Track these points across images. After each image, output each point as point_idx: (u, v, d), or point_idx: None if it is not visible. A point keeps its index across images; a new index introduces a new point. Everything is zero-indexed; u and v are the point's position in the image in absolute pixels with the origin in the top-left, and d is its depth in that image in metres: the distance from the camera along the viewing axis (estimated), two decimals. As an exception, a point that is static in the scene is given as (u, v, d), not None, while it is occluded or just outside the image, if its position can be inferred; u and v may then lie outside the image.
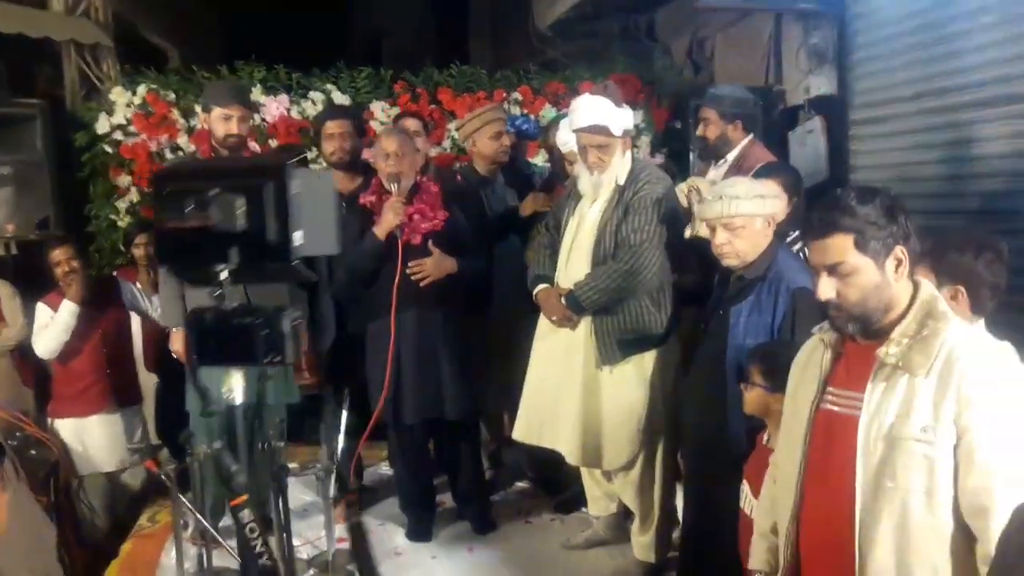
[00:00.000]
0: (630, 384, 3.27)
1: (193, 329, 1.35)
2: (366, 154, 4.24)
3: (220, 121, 3.62)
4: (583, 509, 3.82)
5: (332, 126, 3.98)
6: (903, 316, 1.80)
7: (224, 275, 1.32)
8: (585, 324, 3.30)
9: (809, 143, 4.95)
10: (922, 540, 1.74)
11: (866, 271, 1.78)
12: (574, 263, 3.33)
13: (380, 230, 3.57)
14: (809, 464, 1.92)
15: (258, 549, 1.46)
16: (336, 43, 8.60)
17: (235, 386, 1.43)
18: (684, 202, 3.52)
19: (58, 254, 4.05)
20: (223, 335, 1.33)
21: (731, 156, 3.81)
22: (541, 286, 3.43)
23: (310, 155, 4.75)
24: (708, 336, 2.99)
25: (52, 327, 3.98)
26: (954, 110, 3.93)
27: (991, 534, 1.64)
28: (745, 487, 2.61)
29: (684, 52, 6.13)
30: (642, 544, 3.41)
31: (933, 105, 4.06)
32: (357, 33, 11.36)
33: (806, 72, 5.00)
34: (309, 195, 1.32)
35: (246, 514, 1.46)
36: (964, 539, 1.72)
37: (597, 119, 3.21)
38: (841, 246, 1.78)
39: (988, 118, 3.74)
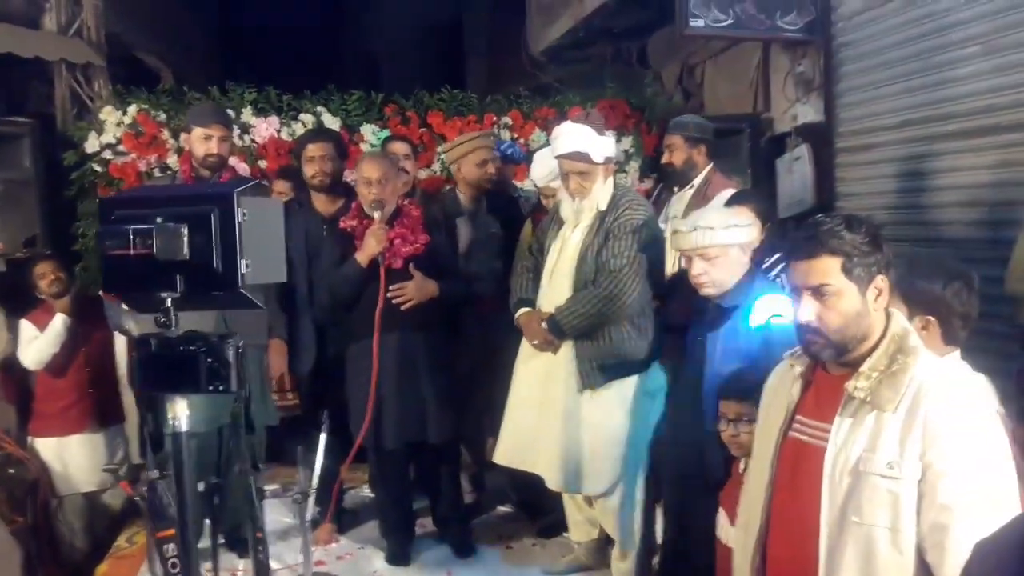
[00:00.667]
0: (611, 410, 3.26)
1: (138, 355, 1.35)
2: (348, 176, 4.25)
3: (200, 141, 3.62)
4: (565, 534, 3.79)
5: (313, 149, 3.97)
6: (874, 348, 1.79)
7: (168, 303, 1.32)
8: (567, 348, 3.30)
9: (796, 171, 4.96)
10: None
11: (849, 296, 1.77)
12: (556, 287, 3.34)
13: (362, 256, 3.58)
14: (775, 492, 1.91)
15: None
16: (333, 67, 8.67)
17: (180, 413, 1.42)
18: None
19: (43, 267, 4.07)
20: (167, 362, 1.33)
21: (697, 181, 3.88)
22: (523, 310, 3.43)
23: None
24: (687, 363, 2.99)
25: (43, 337, 3.99)
26: (940, 139, 3.95)
27: (946, 571, 1.62)
28: (721, 515, 2.60)
29: (675, 79, 6.18)
30: (622, 570, 3.39)
31: (918, 134, 4.08)
32: (354, 57, 11.44)
33: (793, 100, 5.04)
34: (257, 222, 1.32)
35: (170, 548, 1.45)
36: (928, 577, 1.70)
37: (578, 146, 3.23)
38: (828, 268, 1.77)
39: (973, 148, 3.76)
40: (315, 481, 3.43)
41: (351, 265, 3.59)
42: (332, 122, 5.27)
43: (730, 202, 3.34)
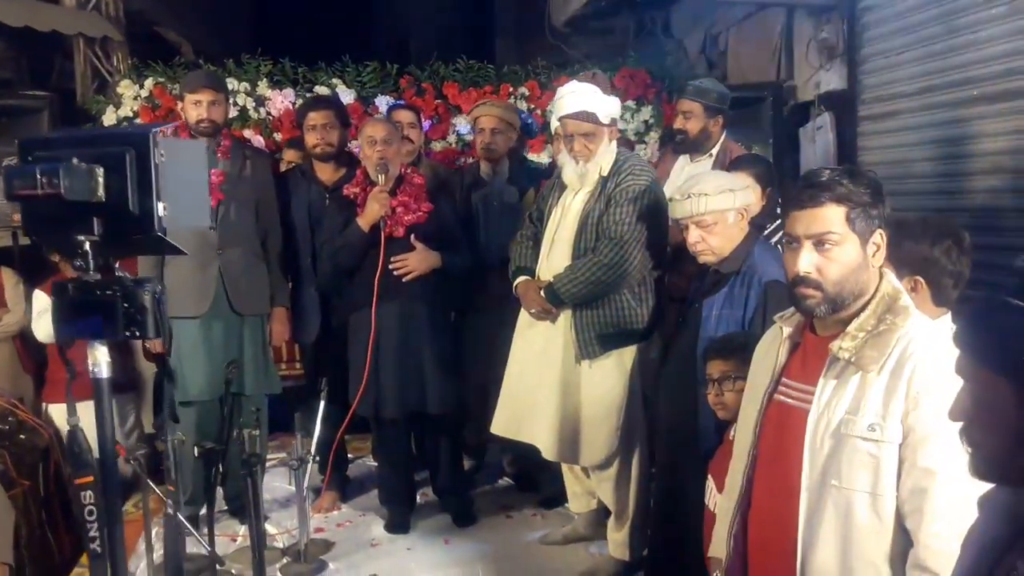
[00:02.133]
0: (609, 380, 3.21)
1: (57, 301, 1.34)
2: (351, 146, 4.22)
3: (192, 107, 3.61)
4: (565, 505, 3.76)
5: (314, 117, 3.92)
6: (864, 308, 1.72)
7: (86, 246, 1.30)
8: (565, 318, 3.24)
9: (819, 139, 4.82)
10: (865, 542, 1.66)
11: (851, 247, 1.71)
12: (555, 254, 3.27)
13: (364, 221, 3.55)
14: (759, 455, 1.87)
15: (92, 534, 1.44)
16: (362, 42, 8.65)
17: (100, 360, 1.41)
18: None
19: None
20: (84, 307, 1.32)
21: (715, 151, 3.75)
22: (521, 278, 3.37)
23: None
24: (682, 330, 2.92)
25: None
26: (963, 105, 3.79)
27: (922, 537, 1.56)
28: (710, 482, 2.55)
29: (698, 48, 6.03)
30: (617, 541, 3.34)
31: (942, 99, 3.92)
32: (383, 32, 11.41)
33: (816, 67, 4.88)
34: (176, 165, 1.29)
35: (88, 495, 1.45)
36: (908, 543, 1.63)
37: (584, 106, 3.15)
38: (832, 216, 1.70)
39: (998, 113, 3.61)
40: (314, 448, 3.45)
41: (353, 231, 3.57)
42: (347, 94, 5.26)
43: (731, 167, 3.24)
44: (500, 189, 4.06)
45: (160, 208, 1.27)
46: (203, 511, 3.60)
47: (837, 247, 1.70)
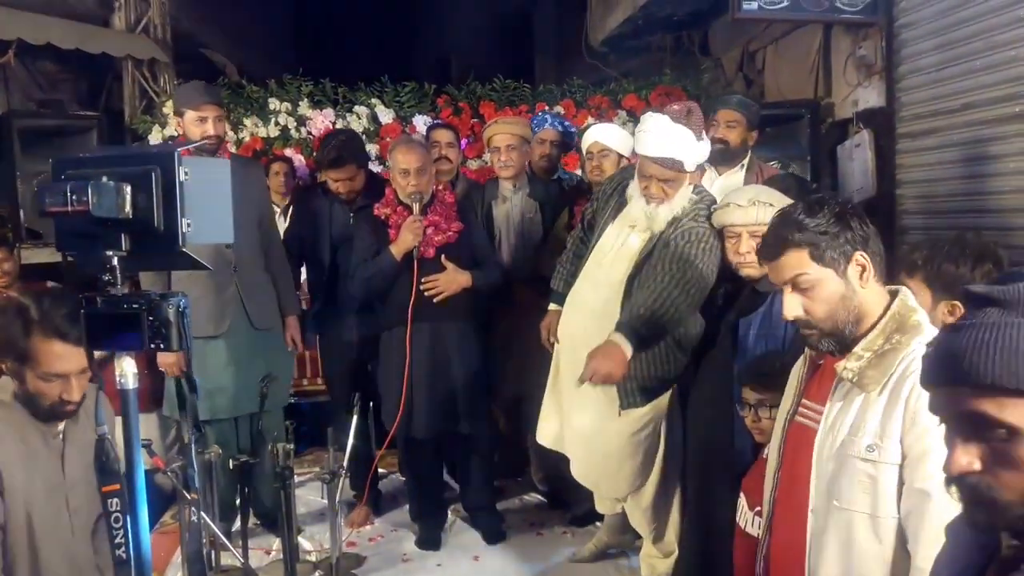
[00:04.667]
0: (641, 421, 3.07)
1: (84, 314, 1.39)
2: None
3: (195, 123, 3.44)
4: (597, 524, 3.73)
5: (336, 175, 3.86)
6: (872, 328, 1.71)
7: (114, 262, 1.35)
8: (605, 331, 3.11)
9: (857, 157, 4.77)
10: (865, 565, 1.64)
11: (828, 282, 1.71)
12: (598, 289, 3.06)
13: (397, 249, 3.54)
14: (781, 477, 1.87)
15: (117, 540, 1.48)
16: (405, 62, 8.78)
17: (127, 371, 1.46)
18: None
19: None
20: (112, 320, 1.36)
21: (746, 163, 3.79)
22: (551, 307, 3.35)
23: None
24: (716, 347, 2.90)
25: None
26: (1005, 121, 3.72)
27: (918, 561, 1.53)
28: (742, 500, 2.52)
29: (735, 66, 6.02)
30: (659, 572, 3.27)
31: (982, 117, 3.86)
32: (425, 52, 11.57)
33: (854, 84, 4.84)
34: (201, 182, 1.33)
35: (114, 503, 1.49)
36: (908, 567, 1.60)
37: (671, 152, 2.82)
38: (796, 260, 1.73)
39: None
40: (346, 463, 3.48)
41: (385, 258, 3.56)
42: (385, 114, 5.35)
43: (773, 183, 3.20)
44: (521, 205, 4.04)
45: (184, 224, 1.31)
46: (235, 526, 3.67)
47: (814, 287, 1.71)
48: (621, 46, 6.76)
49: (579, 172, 5.01)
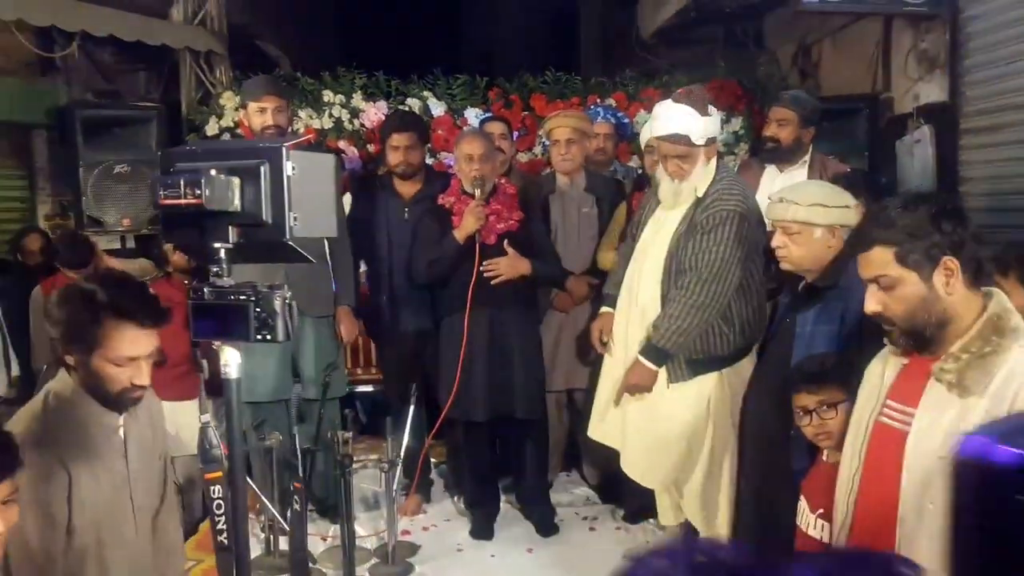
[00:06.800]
0: (685, 406, 3.13)
1: (192, 305, 1.41)
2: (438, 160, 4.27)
3: (256, 115, 3.63)
4: (651, 520, 3.73)
5: (398, 138, 3.95)
6: (968, 330, 1.68)
7: (222, 253, 1.37)
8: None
9: (917, 153, 4.68)
10: None
11: (909, 284, 1.69)
12: (643, 276, 3.20)
13: (460, 233, 3.63)
14: (862, 479, 1.85)
15: (220, 527, 1.50)
16: (448, 55, 8.80)
17: (231, 361, 1.48)
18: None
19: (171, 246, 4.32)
20: (219, 311, 1.39)
21: (806, 160, 3.73)
22: (604, 308, 3.39)
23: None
24: (773, 344, 2.88)
25: None
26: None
27: None
28: (803, 503, 2.49)
29: (791, 59, 5.94)
30: None
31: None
32: (469, 44, 11.57)
33: (915, 79, 4.75)
34: (307, 177, 1.35)
35: (217, 489, 1.51)
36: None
37: (677, 127, 3.05)
38: (881, 259, 1.71)
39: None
40: (402, 452, 3.53)
41: (448, 242, 3.65)
42: (438, 106, 5.36)
43: (836, 180, 3.16)
44: (577, 198, 4.06)
45: (291, 218, 1.33)
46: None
47: (895, 287, 1.70)
48: (672, 38, 6.70)
49: (632, 164, 5.01)
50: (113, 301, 1.84)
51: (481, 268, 3.61)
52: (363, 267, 4.28)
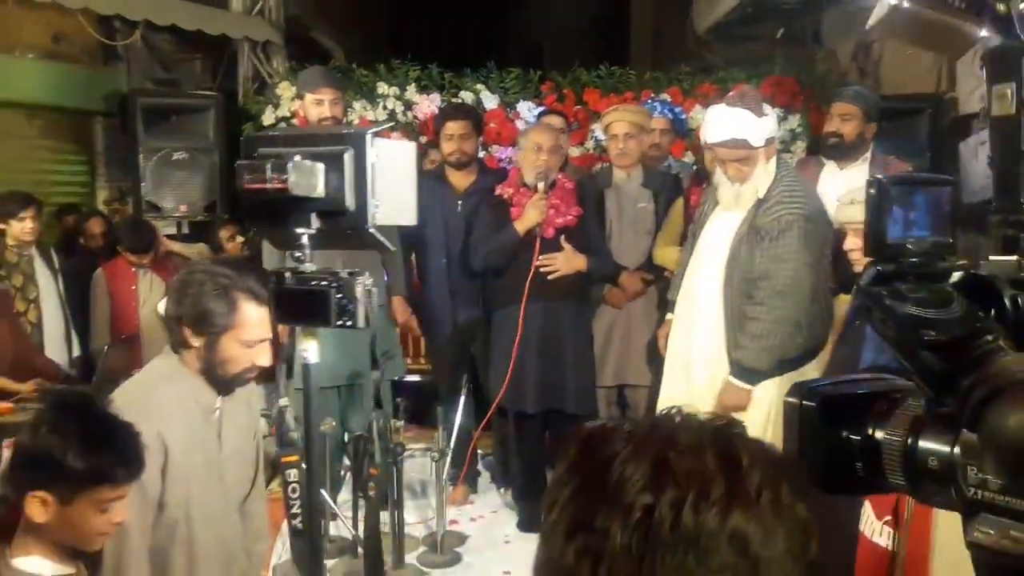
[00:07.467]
0: (749, 410, 3.04)
1: (273, 289, 1.42)
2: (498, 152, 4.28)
3: (313, 106, 3.69)
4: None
5: (453, 127, 3.97)
6: None
7: (304, 239, 1.38)
8: (715, 338, 3.10)
9: (982, 155, 4.56)
10: None
11: None
12: (704, 278, 3.14)
13: (521, 226, 3.64)
14: None
15: (294, 510, 1.51)
16: (498, 46, 8.79)
17: (308, 346, 1.49)
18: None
19: (230, 229, 4.61)
20: (300, 296, 1.40)
21: (867, 157, 3.66)
22: (668, 315, 3.37)
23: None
24: (842, 347, 2.82)
25: None
26: None
27: None
28: (867, 508, 2.45)
29: (850, 56, 5.83)
30: None
31: None
32: (518, 37, 11.55)
33: (982, 79, 4.62)
34: (388, 165, 1.35)
35: (292, 473, 1.52)
36: None
37: (735, 132, 2.96)
38: None
39: None
40: (452, 442, 3.54)
41: (508, 233, 3.66)
42: (491, 99, 5.37)
43: None
44: (634, 193, 4.02)
45: (373, 205, 1.34)
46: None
47: None
48: (727, 33, 6.60)
49: (686, 159, 4.96)
50: (248, 285, 1.79)
51: (536, 262, 3.61)
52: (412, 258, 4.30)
